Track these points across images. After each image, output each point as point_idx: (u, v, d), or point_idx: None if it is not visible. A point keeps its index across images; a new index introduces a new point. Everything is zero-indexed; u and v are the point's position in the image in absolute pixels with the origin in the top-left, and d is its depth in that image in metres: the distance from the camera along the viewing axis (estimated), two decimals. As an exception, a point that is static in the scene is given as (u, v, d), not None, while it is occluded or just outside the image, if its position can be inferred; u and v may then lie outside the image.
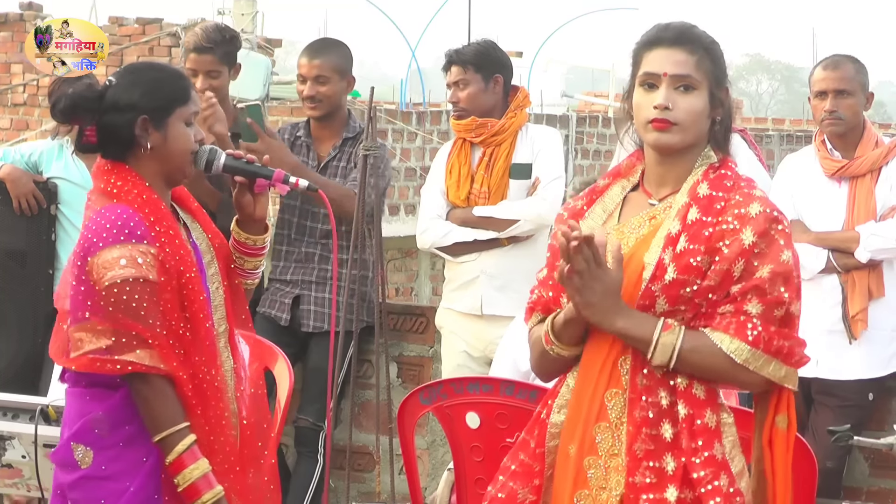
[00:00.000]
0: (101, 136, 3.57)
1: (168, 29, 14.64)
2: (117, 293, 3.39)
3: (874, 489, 5.58)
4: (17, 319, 5.95)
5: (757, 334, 3.06)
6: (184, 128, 3.60)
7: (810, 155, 5.58)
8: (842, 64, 5.45)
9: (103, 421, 3.46)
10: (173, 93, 3.60)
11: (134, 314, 3.39)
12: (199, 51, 5.77)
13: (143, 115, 3.54)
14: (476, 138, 5.83)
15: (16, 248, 5.96)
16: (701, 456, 3.10)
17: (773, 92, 69.35)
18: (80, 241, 3.50)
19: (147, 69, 3.72)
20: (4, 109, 15.15)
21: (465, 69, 5.81)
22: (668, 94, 3.17)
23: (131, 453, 3.46)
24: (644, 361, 3.13)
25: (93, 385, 3.49)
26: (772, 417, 3.16)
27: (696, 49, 3.20)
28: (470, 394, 4.29)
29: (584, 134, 15.81)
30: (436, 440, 6.11)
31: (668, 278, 3.09)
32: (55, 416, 3.92)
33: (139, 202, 3.50)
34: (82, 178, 5.96)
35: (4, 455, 3.83)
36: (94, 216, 3.49)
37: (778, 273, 3.08)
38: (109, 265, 3.40)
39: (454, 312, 5.89)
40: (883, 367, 5.43)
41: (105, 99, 3.55)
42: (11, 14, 15.34)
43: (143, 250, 3.42)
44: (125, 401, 3.46)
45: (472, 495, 4.29)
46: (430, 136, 14.34)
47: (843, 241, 5.38)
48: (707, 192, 3.16)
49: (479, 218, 5.78)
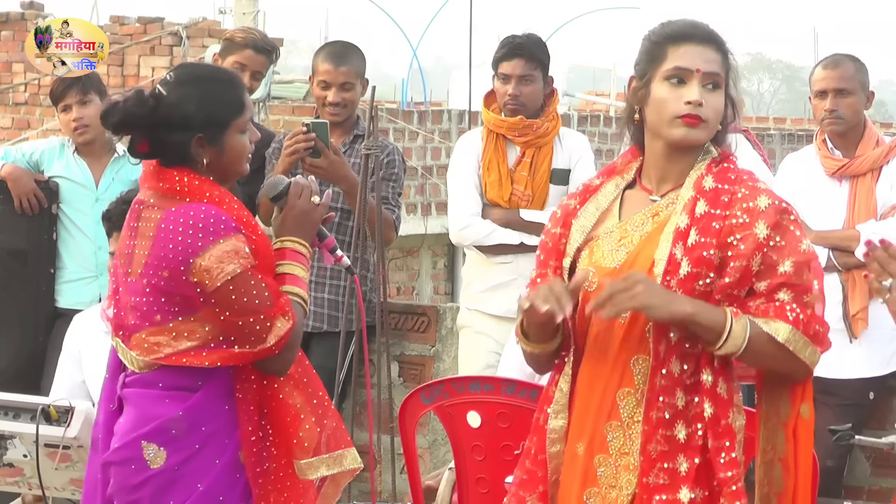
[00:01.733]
0: (155, 148, 3.52)
1: (169, 28, 14.63)
2: (233, 289, 3.38)
3: (875, 488, 5.58)
4: (18, 319, 5.95)
5: (796, 316, 3.11)
6: (240, 137, 3.55)
7: (811, 154, 5.58)
8: (841, 63, 5.45)
9: (182, 421, 3.45)
10: (229, 106, 3.54)
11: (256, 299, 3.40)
12: (256, 50, 5.96)
13: (199, 135, 3.48)
14: (519, 137, 5.75)
15: (17, 248, 5.96)
16: (728, 456, 3.10)
17: (774, 91, 69.23)
18: (167, 244, 3.42)
19: (201, 81, 3.57)
20: (6, 109, 15.14)
21: (534, 65, 5.72)
22: (701, 92, 3.19)
23: (205, 454, 3.47)
24: (664, 361, 3.11)
25: (172, 388, 3.48)
26: (797, 407, 3.18)
27: (722, 48, 3.24)
28: (471, 393, 4.29)
29: (585, 133, 15.82)
30: (437, 439, 6.11)
31: (683, 272, 3.10)
32: (56, 415, 3.92)
33: (216, 198, 3.48)
34: (84, 176, 5.97)
35: (6, 454, 3.84)
36: (173, 218, 3.44)
37: (801, 263, 3.12)
38: (218, 263, 3.38)
39: (482, 314, 5.82)
40: (883, 365, 5.43)
41: (157, 113, 3.47)
42: (13, 13, 15.33)
43: (238, 240, 3.41)
44: (205, 402, 3.47)
45: (473, 494, 4.29)
46: (431, 136, 14.33)
47: (844, 240, 5.38)
48: (713, 185, 3.16)
49: (526, 222, 5.71)
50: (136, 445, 3.48)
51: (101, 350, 4.62)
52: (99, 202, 5.80)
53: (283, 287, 3.51)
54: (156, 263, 3.45)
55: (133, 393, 3.55)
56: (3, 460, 3.82)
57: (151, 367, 3.50)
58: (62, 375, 4.70)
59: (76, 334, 4.72)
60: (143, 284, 3.47)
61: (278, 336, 3.42)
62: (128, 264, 3.52)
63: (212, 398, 3.48)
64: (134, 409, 3.54)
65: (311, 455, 3.56)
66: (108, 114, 3.51)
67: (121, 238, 3.60)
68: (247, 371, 3.50)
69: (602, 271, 3.20)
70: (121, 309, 3.56)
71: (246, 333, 3.41)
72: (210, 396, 3.47)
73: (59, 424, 3.78)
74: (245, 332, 3.41)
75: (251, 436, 3.50)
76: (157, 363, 3.48)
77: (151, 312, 3.47)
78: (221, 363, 3.44)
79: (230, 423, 3.49)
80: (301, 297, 3.54)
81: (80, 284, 5.84)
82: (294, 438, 3.53)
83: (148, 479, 3.46)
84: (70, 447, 3.78)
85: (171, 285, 3.43)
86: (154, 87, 3.55)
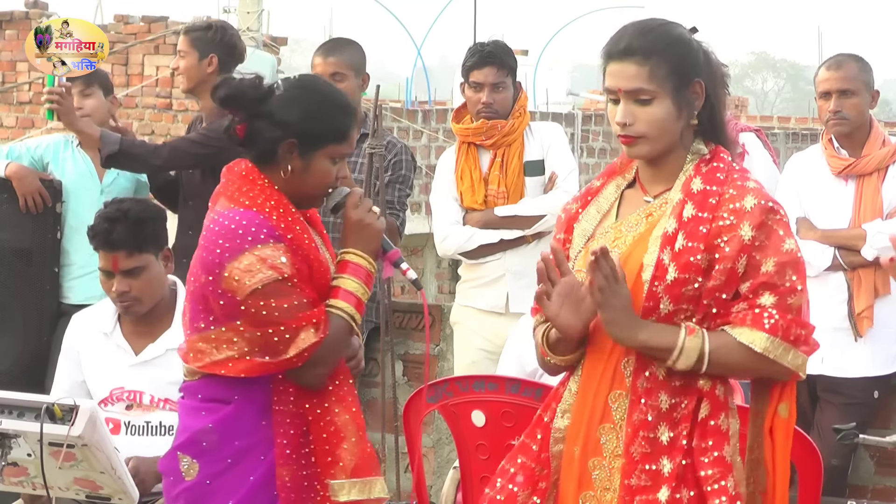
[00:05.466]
0: (248, 137, 3.47)
1: (174, 27, 14.61)
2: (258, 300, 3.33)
3: (879, 487, 5.58)
4: (22, 317, 5.96)
5: (774, 322, 3.04)
6: (329, 164, 3.49)
7: (817, 154, 5.58)
8: (845, 63, 5.45)
9: (212, 433, 3.43)
10: (332, 127, 3.49)
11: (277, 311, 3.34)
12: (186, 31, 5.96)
13: (292, 140, 3.44)
14: (486, 141, 5.82)
15: (22, 247, 5.97)
16: (710, 455, 3.09)
17: (778, 90, 69.23)
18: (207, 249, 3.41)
19: (317, 91, 3.53)
20: (10, 108, 15.15)
21: (505, 71, 5.79)
22: (627, 109, 3.13)
23: (238, 469, 3.43)
24: (646, 364, 3.11)
25: (207, 399, 3.46)
26: (774, 406, 3.15)
27: (648, 57, 3.12)
28: (476, 392, 4.29)
29: (589, 132, 15.79)
30: (441, 438, 6.11)
31: (670, 278, 3.07)
32: (60, 414, 3.92)
33: (269, 207, 3.41)
34: (88, 170, 5.99)
35: (10, 453, 3.83)
36: (214, 223, 3.42)
37: (784, 263, 3.06)
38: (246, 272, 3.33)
39: (473, 310, 5.89)
40: (888, 364, 5.43)
41: (266, 102, 3.45)
42: (17, 12, 15.34)
43: (274, 248, 3.36)
44: (237, 415, 3.43)
45: (477, 493, 4.28)
46: (435, 135, 14.33)
47: (850, 239, 5.38)
48: (701, 187, 3.12)
49: (501, 218, 5.77)
50: (174, 456, 3.47)
51: (101, 350, 4.63)
52: (104, 195, 5.84)
53: (330, 301, 3.46)
54: (198, 269, 3.43)
55: (181, 402, 3.55)
56: (7, 459, 3.82)
57: (195, 375, 3.49)
58: (62, 375, 4.70)
59: (75, 334, 4.71)
60: (191, 290, 3.47)
61: (300, 349, 3.37)
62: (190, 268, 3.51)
63: (246, 412, 3.43)
64: (179, 419, 3.55)
65: (347, 476, 3.49)
66: (221, 85, 3.48)
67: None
68: (285, 385, 3.44)
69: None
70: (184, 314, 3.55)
71: (265, 345, 3.37)
72: (244, 410, 3.43)
73: (63, 423, 3.77)
74: (265, 343, 3.37)
75: (286, 450, 3.43)
76: (199, 372, 3.46)
77: (196, 318, 3.45)
78: (246, 374, 3.39)
79: (267, 440, 3.43)
80: (346, 312, 3.46)
81: (88, 279, 5.83)
82: (331, 456, 3.47)
83: (182, 492, 3.45)
84: (74, 446, 3.77)
85: (207, 291, 3.40)
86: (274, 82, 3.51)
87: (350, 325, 3.48)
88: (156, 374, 4.51)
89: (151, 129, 14.19)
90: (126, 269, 4.48)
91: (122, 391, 4.56)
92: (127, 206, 4.56)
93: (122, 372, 4.58)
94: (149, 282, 4.53)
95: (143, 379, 4.55)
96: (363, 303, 3.52)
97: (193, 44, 5.87)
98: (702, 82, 3.15)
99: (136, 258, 4.48)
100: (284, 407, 3.44)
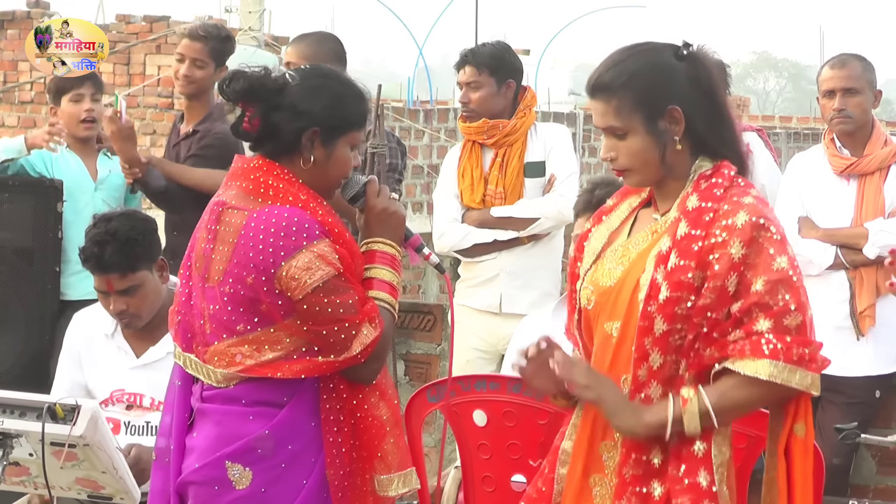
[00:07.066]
0: (264, 130, 3.38)
1: (175, 27, 14.62)
2: (320, 298, 3.27)
3: (881, 487, 5.57)
4: (24, 317, 5.96)
5: (773, 347, 2.98)
6: (348, 151, 3.44)
7: (819, 153, 5.58)
8: (849, 62, 5.45)
9: (269, 440, 3.32)
10: (354, 114, 3.44)
11: (342, 307, 3.29)
12: (192, 38, 5.91)
13: (316, 128, 3.37)
14: (488, 140, 5.84)
15: (23, 246, 5.97)
16: (682, 483, 3.06)
17: (780, 90, 69.20)
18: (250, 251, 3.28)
19: (336, 80, 3.46)
20: (12, 107, 15.17)
21: (480, 71, 5.82)
22: (609, 144, 3.16)
23: (292, 474, 3.34)
24: (641, 386, 3.08)
25: (253, 403, 3.35)
26: (790, 425, 3.10)
27: (614, 93, 3.11)
28: (477, 392, 4.29)
29: (591, 132, 15.78)
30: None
31: (662, 297, 3.03)
32: (62, 414, 3.91)
33: (301, 202, 3.33)
34: (80, 169, 6.01)
35: (12, 453, 3.83)
36: (256, 223, 3.30)
37: (774, 282, 2.99)
38: (305, 271, 3.25)
39: (468, 309, 5.91)
40: (890, 364, 5.43)
41: (284, 94, 3.36)
42: (19, 12, 15.37)
43: (327, 244, 3.30)
44: (292, 418, 3.34)
45: (479, 493, 4.29)
46: (437, 134, 14.34)
47: (852, 238, 5.38)
48: (696, 205, 3.08)
49: (497, 218, 5.80)
50: (220, 465, 3.35)
51: (101, 351, 4.63)
52: (98, 191, 5.97)
53: (370, 292, 3.40)
54: (237, 271, 3.31)
55: (213, 409, 3.41)
56: (8, 459, 3.81)
57: (231, 381, 3.36)
58: (62, 375, 4.70)
59: (76, 334, 4.70)
60: (222, 293, 3.34)
61: (364, 344, 3.31)
62: (205, 269, 3.38)
63: (298, 415, 3.34)
64: (215, 426, 3.40)
65: (391, 471, 3.44)
66: (233, 78, 3.37)
67: (197, 241, 3.44)
68: (335, 382, 3.37)
69: (599, 290, 3.19)
70: (194, 318, 3.42)
71: (331, 342, 3.30)
72: (297, 413, 3.34)
73: (65, 423, 3.76)
74: (330, 341, 3.30)
75: (335, 450, 3.37)
76: (237, 376, 3.34)
77: (231, 322, 3.33)
78: (305, 374, 3.31)
79: (316, 441, 3.36)
80: (388, 303, 3.42)
81: (86, 275, 5.81)
82: (379, 451, 3.42)
83: (234, 501, 3.34)
84: (76, 446, 3.77)
85: (253, 293, 3.29)
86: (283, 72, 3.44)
87: (394, 316, 3.45)
88: (156, 377, 4.47)
89: (153, 128, 14.20)
90: (121, 290, 4.47)
91: (123, 393, 4.56)
92: (115, 225, 4.47)
93: (122, 374, 4.58)
94: (145, 297, 4.51)
95: (143, 381, 4.55)
96: (398, 291, 3.47)
97: (212, 54, 5.87)
98: (678, 108, 3.10)
99: (129, 278, 4.46)
100: (333, 405, 3.37)
